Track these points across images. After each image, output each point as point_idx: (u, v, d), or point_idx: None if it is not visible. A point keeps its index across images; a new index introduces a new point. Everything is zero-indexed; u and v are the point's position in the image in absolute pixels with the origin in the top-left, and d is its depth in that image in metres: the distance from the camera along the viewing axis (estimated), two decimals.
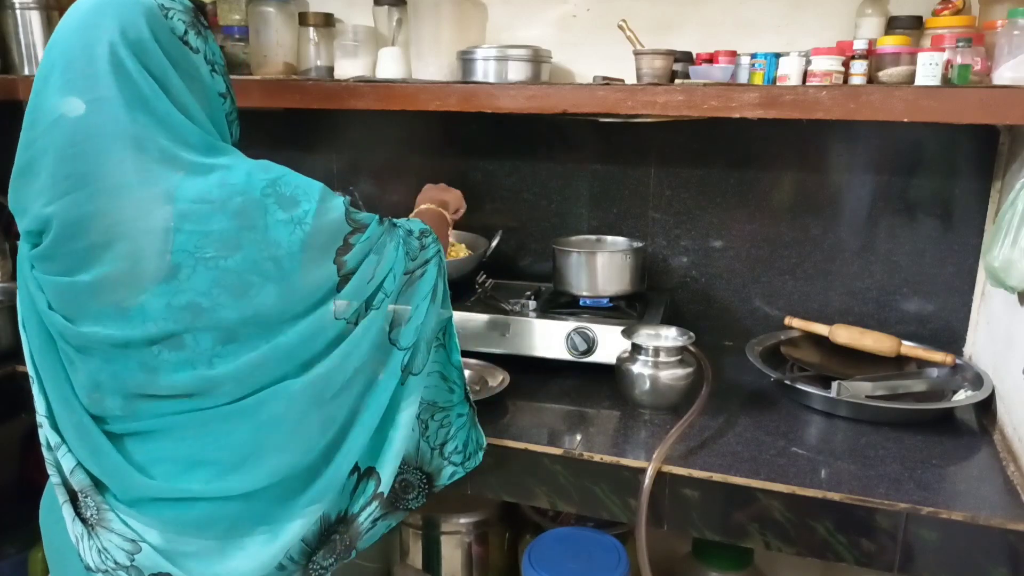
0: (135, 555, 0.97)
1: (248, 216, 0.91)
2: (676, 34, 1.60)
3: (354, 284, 0.99)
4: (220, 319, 0.92)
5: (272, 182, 0.94)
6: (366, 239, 1.00)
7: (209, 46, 1.01)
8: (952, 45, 1.25)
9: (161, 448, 0.99)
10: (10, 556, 1.90)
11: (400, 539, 1.79)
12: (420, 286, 1.08)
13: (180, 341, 0.93)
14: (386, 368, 1.05)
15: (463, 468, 1.18)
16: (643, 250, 1.63)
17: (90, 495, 0.99)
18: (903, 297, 1.63)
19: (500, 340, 1.53)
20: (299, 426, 0.99)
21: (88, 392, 0.98)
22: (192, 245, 0.90)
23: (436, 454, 1.15)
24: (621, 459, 1.20)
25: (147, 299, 0.91)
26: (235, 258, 0.91)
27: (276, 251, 0.92)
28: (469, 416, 1.19)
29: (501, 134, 1.80)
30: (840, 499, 1.09)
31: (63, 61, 0.91)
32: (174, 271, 0.90)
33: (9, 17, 1.75)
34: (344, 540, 1.06)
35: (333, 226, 0.97)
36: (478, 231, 1.81)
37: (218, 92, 1.02)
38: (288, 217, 0.93)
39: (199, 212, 0.90)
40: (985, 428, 1.33)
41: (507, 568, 1.81)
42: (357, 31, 1.67)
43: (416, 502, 1.15)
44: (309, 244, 0.94)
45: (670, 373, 1.33)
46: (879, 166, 1.59)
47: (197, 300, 0.91)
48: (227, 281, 0.91)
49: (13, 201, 0.96)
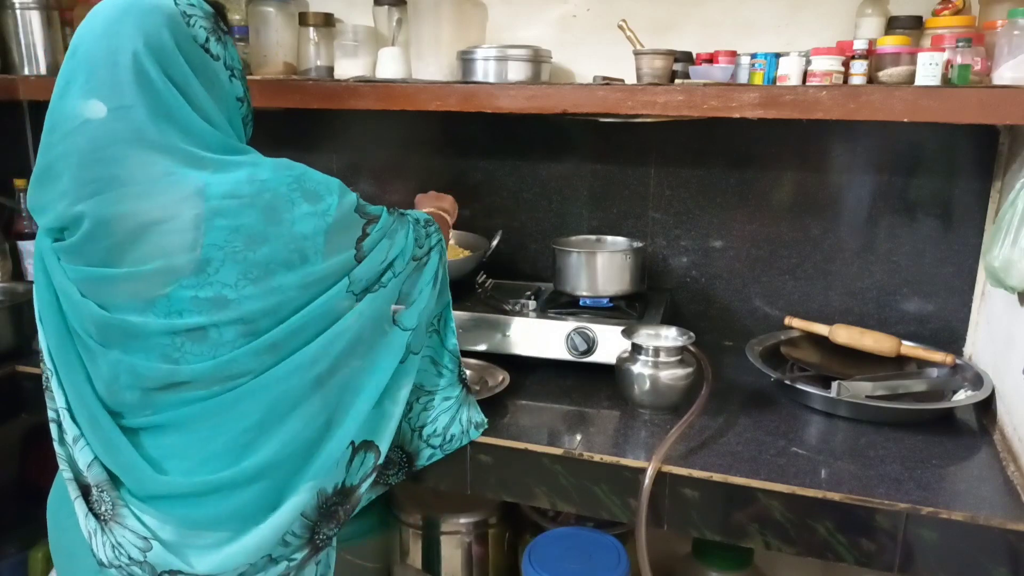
0: (147, 552, 0.98)
1: (276, 210, 0.96)
2: (676, 34, 1.60)
3: (366, 265, 1.04)
4: (245, 311, 0.95)
5: (297, 178, 0.99)
6: (380, 228, 1.06)
7: (229, 51, 1.04)
8: (952, 45, 1.25)
9: (176, 442, 1.00)
10: (10, 556, 1.90)
11: (400, 539, 1.79)
12: (425, 272, 1.14)
13: (204, 333, 0.95)
14: (389, 348, 1.10)
15: (441, 451, 1.22)
16: (643, 250, 1.63)
17: (106, 490, 1.01)
18: (903, 297, 1.63)
19: (500, 340, 1.53)
20: (302, 399, 1.02)
21: (107, 384, 1.00)
22: (223, 240, 0.93)
23: (416, 435, 1.21)
24: (621, 459, 1.20)
25: (174, 291, 0.94)
26: (263, 250, 0.95)
27: (302, 243, 0.97)
28: (458, 398, 1.24)
29: (501, 134, 1.80)
30: (840, 499, 1.09)
31: (86, 67, 0.93)
32: (203, 265, 0.93)
33: (9, 17, 1.75)
34: (345, 510, 1.09)
35: (353, 217, 1.03)
36: (478, 231, 1.81)
37: (236, 96, 1.05)
38: (313, 210, 0.98)
39: (230, 207, 0.94)
40: (985, 428, 1.33)
41: (507, 568, 1.81)
42: (357, 31, 1.67)
43: (396, 478, 1.21)
44: (332, 234, 0.99)
45: (670, 373, 1.33)
46: (879, 166, 1.59)
47: (223, 293, 0.94)
48: (253, 273, 0.95)
49: (33, 200, 0.98)
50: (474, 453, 1.27)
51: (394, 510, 1.78)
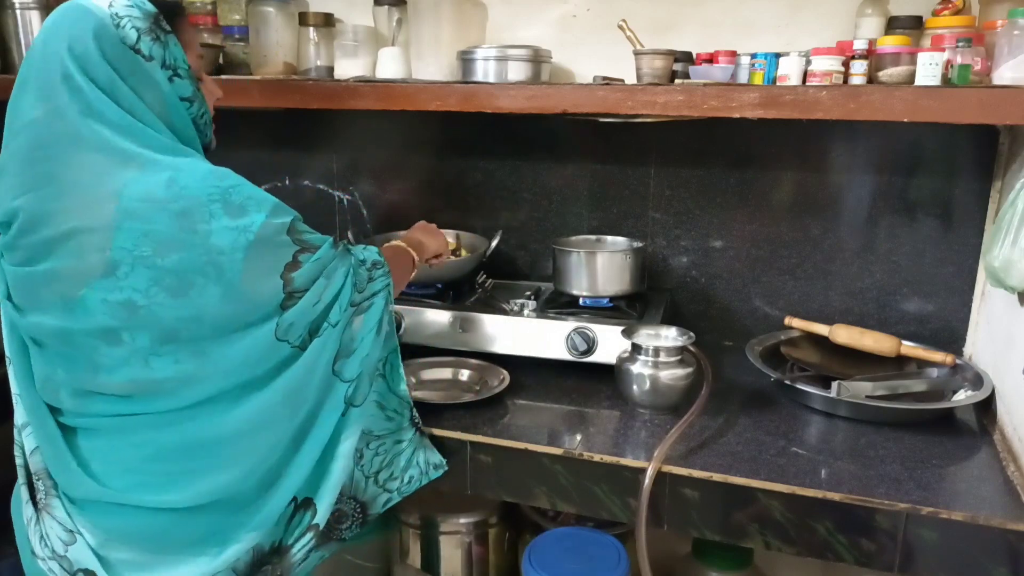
0: (69, 546, 0.99)
1: (190, 218, 0.93)
2: (676, 34, 1.60)
3: (301, 305, 1.00)
4: (157, 317, 0.94)
5: (224, 189, 0.95)
6: (316, 260, 1.01)
7: (169, 52, 1.01)
8: (952, 45, 1.25)
9: (105, 447, 1.01)
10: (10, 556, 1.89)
11: (400, 539, 1.79)
12: (366, 319, 1.09)
13: (117, 337, 0.95)
14: (329, 399, 1.06)
15: (398, 494, 1.19)
16: (643, 250, 1.63)
17: (42, 479, 1.03)
18: (903, 297, 1.63)
19: (500, 340, 1.53)
20: (238, 451, 1.00)
21: (43, 382, 1.01)
22: (131, 243, 0.92)
23: (371, 482, 1.15)
24: (621, 459, 1.20)
25: (87, 293, 0.94)
26: (172, 258, 0.92)
27: (218, 256, 0.93)
28: (412, 441, 1.20)
29: (501, 134, 1.80)
30: (840, 499, 1.09)
31: (32, 70, 0.98)
32: (113, 267, 0.93)
33: (9, 17, 1.75)
34: (276, 571, 1.06)
35: (281, 241, 0.98)
36: (478, 231, 1.81)
37: (180, 96, 1.02)
38: (234, 224, 0.94)
39: (141, 210, 0.92)
40: (985, 428, 1.33)
41: (507, 568, 1.81)
42: (357, 31, 1.67)
43: (350, 532, 1.14)
44: (253, 253, 0.95)
45: (670, 373, 1.33)
46: (879, 166, 1.59)
47: (134, 298, 0.93)
48: (166, 281, 0.93)
49: None
50: (474, 453, 1.27)
51: (394, 510, 1.78)
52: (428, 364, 1.52)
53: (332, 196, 1.93)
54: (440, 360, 1.54)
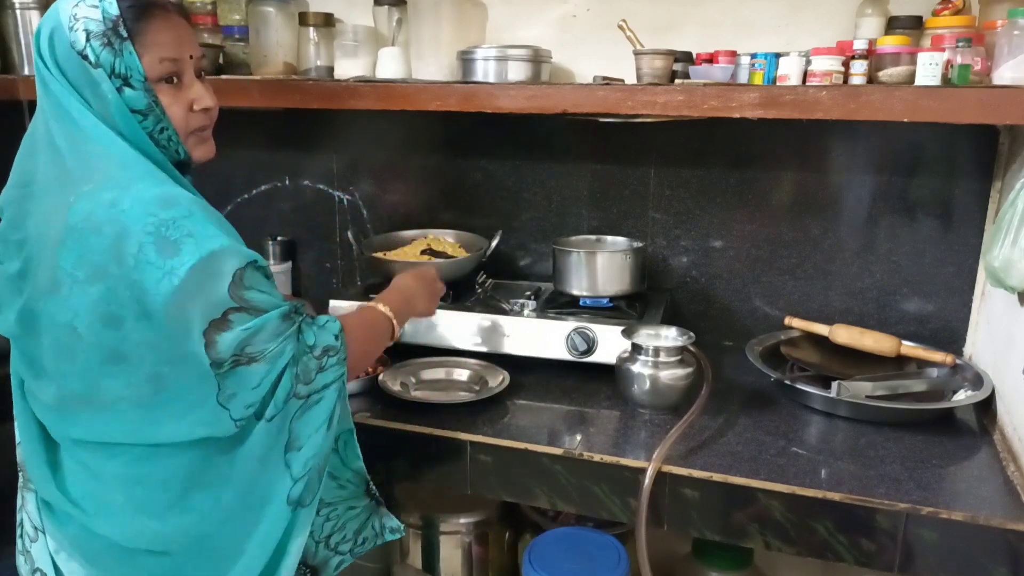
0: (33, 543, 1.01)
1: (118, 247, 0.84)
2: (676, 34, 1.60)
3: (236, 381, 0.89)
4: (97, 344, 0.88)
5: (163, 221, 0.84)
6: (249, 328, 0.87)
7: (122, 59, 0.91)
8: (952, 45, 1.25)
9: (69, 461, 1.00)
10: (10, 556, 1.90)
11: (400, 539, 1.79)
12: (315, 413, 0.95)
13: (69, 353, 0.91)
14: (275, 495, 0.95)
15: (351, 555, 1.11)
16: (643, 250, 1.63)
17: (23, 471, 1.04)
18: (903, 297, 1.63)
19: (500, 340, 1.53)
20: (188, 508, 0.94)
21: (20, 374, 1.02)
22: (70, 263, 0.86)
23: (322, 547, 1.07)
24: (621, 459, 1.20)
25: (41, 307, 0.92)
26: (98, 287, 0.86)
27: (141, 294, 0.85)
28: (367, 508, 1.12)
29: (501, 134, 1.80)
30: (840, 499, 1.09)
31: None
32: (57, 286, 0.88)
33: (9, 17, 1.75)
34: None
35: (211, 292, 0.85)
36: (478, 231, 1.81)
37: (132, 108, 0.92)
38: (160, 263, 0.83)
39: (81, 229, 0.86)
40: (985, 428, 1.33)
41: (507, 568, 1.81)
42: (357, 31, 1.67)
43: None
44: (175, 300, 0.84)
45: (670, 373, 1.33)
46: (879, 166, 1.59)
47: (75, 323, 0.88)
48: (98, 309, 0.86)
49: None
50: (474, 453, 1.27)
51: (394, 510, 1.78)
52: (428, 364, 1.52)
53: (332, 196, 1.93)
54: (440, 360, 1.53)
